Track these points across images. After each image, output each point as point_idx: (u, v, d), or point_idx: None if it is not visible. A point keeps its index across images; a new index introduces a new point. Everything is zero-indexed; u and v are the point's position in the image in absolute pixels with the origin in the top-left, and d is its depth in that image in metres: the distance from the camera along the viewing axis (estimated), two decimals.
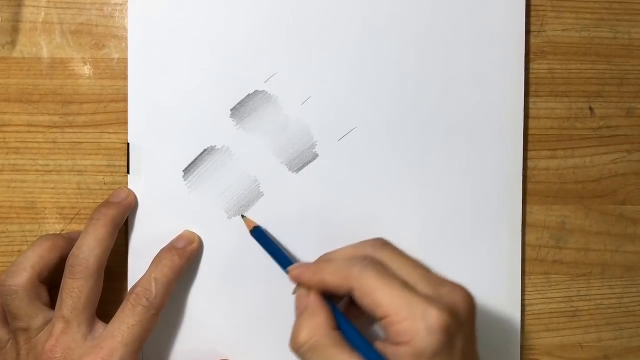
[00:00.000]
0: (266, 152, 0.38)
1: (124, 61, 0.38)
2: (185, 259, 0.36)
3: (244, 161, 0.38)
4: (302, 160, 0.38)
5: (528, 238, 0.39)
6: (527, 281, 0.39)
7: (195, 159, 0.38)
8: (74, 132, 0.38)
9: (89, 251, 0.34)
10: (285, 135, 0.38)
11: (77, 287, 0.33)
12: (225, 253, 0.38)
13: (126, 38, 0.38)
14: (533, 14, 0.39)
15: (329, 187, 0.38)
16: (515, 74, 0.38)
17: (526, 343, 0.39)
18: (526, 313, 0.39)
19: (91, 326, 0.34)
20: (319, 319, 0.31)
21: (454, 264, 0.38)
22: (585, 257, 0.40)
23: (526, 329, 0.39)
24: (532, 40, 0.39)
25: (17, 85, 0.38)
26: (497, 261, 0.38)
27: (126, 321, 0.33)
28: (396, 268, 0.31)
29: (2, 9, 0.38)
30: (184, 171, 0.38)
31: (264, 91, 0.38)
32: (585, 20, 0.40)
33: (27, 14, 0.38)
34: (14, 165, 0.38)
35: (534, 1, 0.39)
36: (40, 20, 0.38)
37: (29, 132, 0.38)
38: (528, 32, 0.39)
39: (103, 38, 0.38)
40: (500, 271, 0.38)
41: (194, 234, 0.37)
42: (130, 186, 0.37)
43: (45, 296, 0.35)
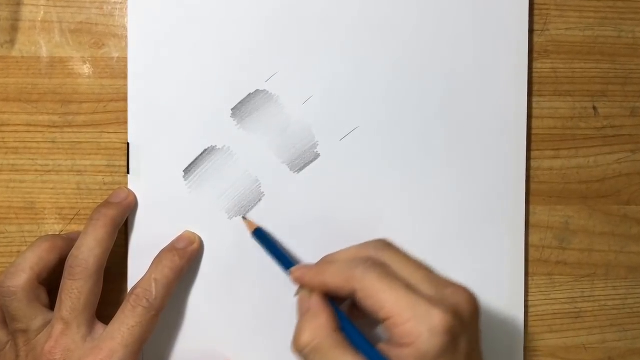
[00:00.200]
0: (267, 152, 0.38)
1: (123, 60, 0.38)
2: (185, 259, 0.36)
3: (245, 161, 0.38)
4: (303, 160, 0.38)
5: (531, 238, 0.39)
6: (530, 282, 0.39)
7: (196, 159, 0.37)
8: (74, 132, 0.38)
9: (89, 252, 0.34)
10: (286, 135, 0.38)
11: (77, 288, 0.33)
12: (225, 253, 0.38)
13: (126, 37, 0.38)
14: (536, 12, 0.39)
15: (331, 188, 0.38)
16: (518, 73, 0.38)
17: (529, 344, 0.39)
18: (529, 314, 0.39)
19: (91, 327, 0.33)
20: (321, 320, 0.30)
21: (456, 264, 0.38)
22: (589, 257, 0.40)
23: (529, 330, 0.39)
24: (535, 39, 0.39)
25: (15, 84, 0.38)
26: (500, 262, 0.38)
27: (126, 322, 0.33)
28: (399, 269, 0.31)
29: (0, 7, 0.38)
30: (184, 171, 0.37)
31: (265, 90, 0.38)
32: (588, 19, 0.39)
33: (26, 12, 0.38)
34: (12, 165, 0.38)
35: (537, 0, 0.39)
36: (40, 19, 0.38)
37: (28, 132, 0.38)
38: (531, 31, 0.39)
39: (103, 37, 0.38)
40: (503, 272, 0.38)
41: (194, 234, 0.37)
42: (130, 186, 0.37)
43: (44, 297, 0.34)
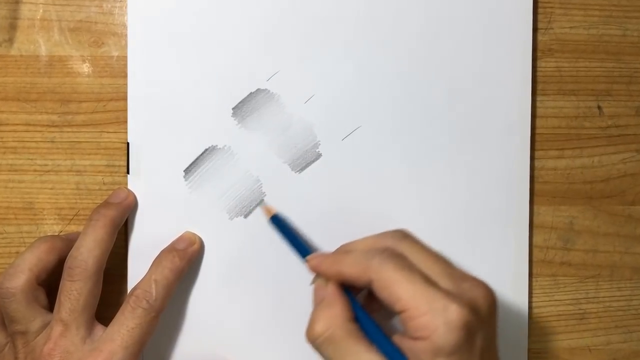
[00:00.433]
0: (268, 152, 0.37)
1: (123, 59, 0.38)
2: (185, 260, 0.36)
3: (246, 161, 0.37)
4: (305, 159, 0.38)
5: (535, 239, 0.39)
6: (534, 283, 0.39)
7: (196, 159, 0.37)
8: (73, 132, 0.38)
9: (88, 252, 0.33)
10: (287, 135, 0.38)
11: (76, 289, 0.33)
12: (226, 254, 0.37)
13: (126, 35, 0.38)
14: (540, 10, 0.39)
15: (333, 187, 0.38)
16: (522, 72, 0.38)
17: (533, 346, 0.39)
18: (533, 316, 0.39)
19: (90, 329, 0.33)
20: (335, 310, 0.30)
21: (460, 264, 0.37)
22: (594, 258, 0.39)
23: (533, 332, 0.39)
24: (539, 37, 0.39)
25: (14, 83, 0.38)
26: (504, 262, 0.38)
27: (126, 324, 0.33)
28: (417, 261, 0.30)
29: None
30: (184, 171, 0.37)
31: (266, 89, 0.37)
32: (593, 17, 0.39)
33: (24, 10, 0.38)
34: (11, 165, 0.38)
35: None
36: (38, 17, 0.38)
37: (27, 132, 0.38)
38: (535, 30, 0.38)
39: (102, 35, 0.38)
40: (507, 272, 0.38)
41: (194, 235, 0.37)
42: (130, 186, 0.37)
43: (43, 299, 0.34)
